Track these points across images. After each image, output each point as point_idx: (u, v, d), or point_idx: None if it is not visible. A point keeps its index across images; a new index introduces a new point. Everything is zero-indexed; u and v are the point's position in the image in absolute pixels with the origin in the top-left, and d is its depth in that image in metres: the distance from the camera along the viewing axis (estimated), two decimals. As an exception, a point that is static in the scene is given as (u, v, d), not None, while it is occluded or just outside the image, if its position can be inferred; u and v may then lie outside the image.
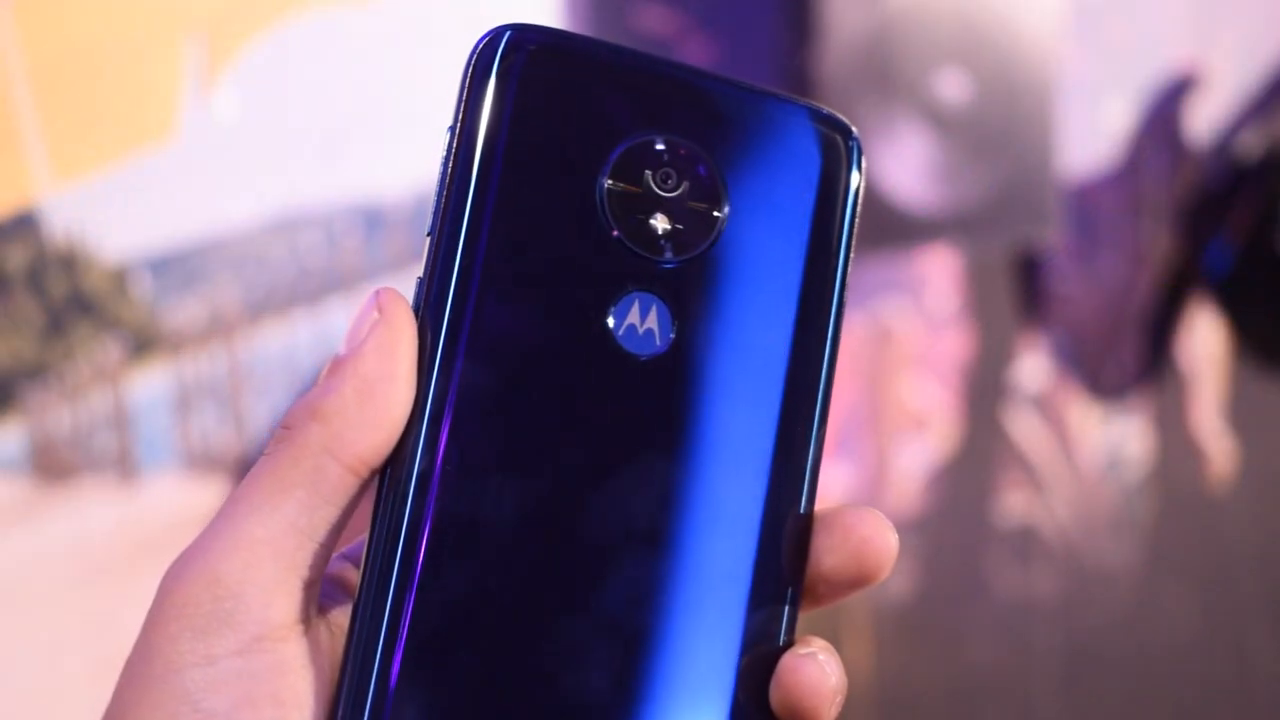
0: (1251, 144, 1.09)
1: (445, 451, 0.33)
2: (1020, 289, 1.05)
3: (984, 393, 1.05)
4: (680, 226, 0.35)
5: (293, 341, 0.74)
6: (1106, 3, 1.06)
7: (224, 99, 0.70)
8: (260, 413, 0.73)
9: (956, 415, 1.03)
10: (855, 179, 0.36)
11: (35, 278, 0.66)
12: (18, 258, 0.66)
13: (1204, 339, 1.13)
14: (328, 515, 0.33)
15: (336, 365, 0.34)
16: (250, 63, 0.71)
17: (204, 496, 0.72)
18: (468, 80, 0.34)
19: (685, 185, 0.35)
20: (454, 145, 0.35)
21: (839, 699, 0.34)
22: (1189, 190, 1.10)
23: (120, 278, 0.69)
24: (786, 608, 0.35)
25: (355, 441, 0.33)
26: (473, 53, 0.34)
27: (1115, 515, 1.10)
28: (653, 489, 0.34)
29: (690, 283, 0.35)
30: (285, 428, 0.34)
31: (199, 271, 0.70)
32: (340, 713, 0.32)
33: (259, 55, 0.71)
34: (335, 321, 0.75)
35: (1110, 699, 1.11)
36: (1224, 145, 1.11)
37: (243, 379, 0.73)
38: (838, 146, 0.36)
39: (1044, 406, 1.07)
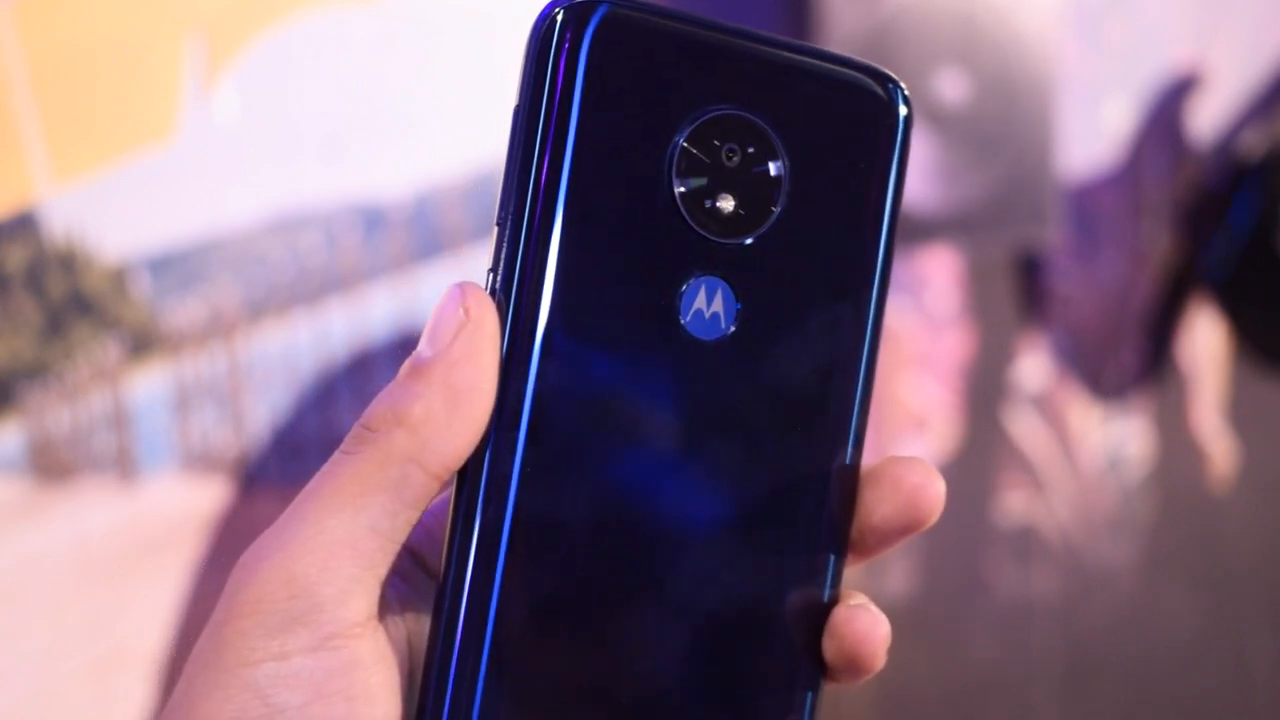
0: (1252, 144, 1.09)
1: (528, 448, 0.33)
2: (1020, 289, 1.05)
3: (984, 393, 1.04)
4: (743, 206, 0.35)
5: (293, 341, 0.74)
6: (1106, 3, 1.06)
7: (224, 98, 0.70)
8: (260, 413, 0.73)
9: (956, 415, 1.03)
10: (898, 151, 0.36)
11: (35, 278, 0.66)
12: (17, 258, 0.66)
13: (1204, 339, 1.13)
14: (408, 518, 0.34)
15: (422, 369, 0.33)
16: (250, 62, 0.71)
17: (204, 496, 0.72)
18: (532, 57, 0.34)
19: (748, 163, 0.35)
20: (520, 127, 0.34)
21: (888, 645, 0.36)
22: (1189, 190, 1.10)
23: (120, 278, 0.69)
24: (836, 563, 0.36)
25: (442, 450, 0.33)
26: (534, 29, 0.34)
27: (1115, 515, 1.10)
28: (723, 473, 0.35)
29: (752, 263, 0.35)
30: (367, 429, 0.34)
31: (199, 271, 0.70)
32: (442, 710, 0.33)
33: (259, 55, 0.71)
34: (335, 321, 0.75)
35: (1110, 699, 1.11)
36: (1224, 145, 1.11)
37: (242, 379, 0.73)
38: (887, 119, 0.36)
39: (1044, 406, 1.07)
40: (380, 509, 0.33)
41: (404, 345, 0.77)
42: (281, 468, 0.74)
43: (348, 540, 0.33)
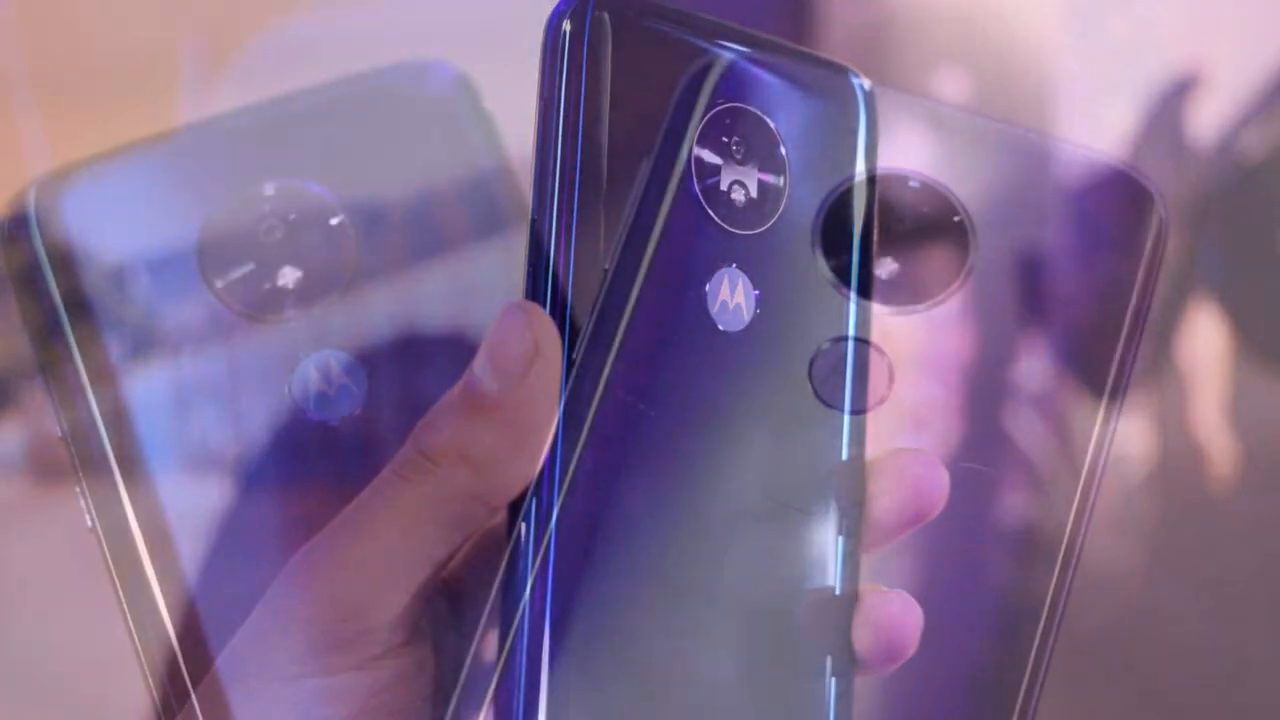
0: (1252, 144, 1.09)
1: (589, 464, 0.33)
2: (1020, 289, 1.05)
3: (984, 393, 1.04)
4: (756, 196, 0.36)
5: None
6: (1106, 3, 1.06)
7: (224, 98, 0.70)
8: (260, 413, 0.73)
9: (956, 415, 1.03)
10: (866, 133, 0.37)
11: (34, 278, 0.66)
12: (16, 258, 0.66)
13: (1204, 339, 1.12)
14: (460, 545, 0.34)
15: (490, 407, 0.33)
16: (250, 62, 0.71)
17: (203, 496, 0.72)
18: (544, 60, 0.34)
19: (758, 154, 0.36)
20: (539, 129, 0.34)
21: (921, 630, 0.36)
22: (1189, 190, 1.10)
23: (120, 278, 0.68)
24: (858, 552, 0.37)
25: (506, 487, 0.33)
26: (545, 31, 0.34)
27: (1115, 515, 1.10)
28: (753, 468, 0.35)
29: (765, 252, 0.36)
30: (429, 460, 0.33)
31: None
32: None
33: (259, 55, 0.71)
34: (335, 321, 0.75)
35: (1110, 699, 1.11)
36: (1225, 145, 1.10)
37: (242, 379, 0.73)
38: (855, 109, 0.37)
39: (1044, 406, 1.07)
40: (438, 539, 0.33)
41: (403, 345, 0.76)
42: (281, 468, 0.74)
43: (404, 569, 0.33)
